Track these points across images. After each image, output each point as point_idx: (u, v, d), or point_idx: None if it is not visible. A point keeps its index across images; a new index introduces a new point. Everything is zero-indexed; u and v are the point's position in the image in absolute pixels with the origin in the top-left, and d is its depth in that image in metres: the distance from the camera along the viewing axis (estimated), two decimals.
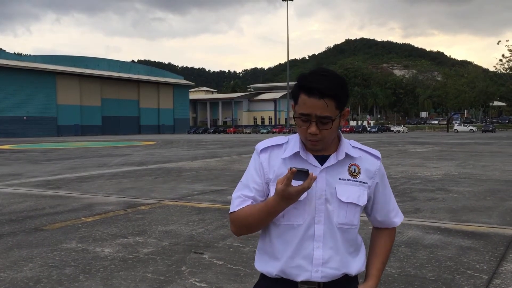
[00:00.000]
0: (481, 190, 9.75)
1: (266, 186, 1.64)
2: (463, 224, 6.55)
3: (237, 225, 1.64)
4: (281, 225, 1.62)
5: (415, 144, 31.42)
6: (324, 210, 1.60)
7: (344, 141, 1.67)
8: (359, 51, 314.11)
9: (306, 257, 1.60)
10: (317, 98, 1.52)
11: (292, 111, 1.66)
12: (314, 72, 1.58)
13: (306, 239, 1.60)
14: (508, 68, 55.40)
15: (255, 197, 1.63)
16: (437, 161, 17.05)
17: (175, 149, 28.29)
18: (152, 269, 4.62)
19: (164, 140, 48.16)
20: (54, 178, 12.76)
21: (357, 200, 1.63)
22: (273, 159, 1.65)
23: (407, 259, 4.90)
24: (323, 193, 1.60)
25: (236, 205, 1.64)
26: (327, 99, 1.53)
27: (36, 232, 6.26)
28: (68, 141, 46.13)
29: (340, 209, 1.61)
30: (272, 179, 1.62)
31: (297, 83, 1.59)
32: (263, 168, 1.64)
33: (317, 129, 1.55)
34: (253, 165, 1.69)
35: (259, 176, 1.65)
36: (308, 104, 1.54)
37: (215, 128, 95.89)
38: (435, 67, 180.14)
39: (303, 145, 1.63)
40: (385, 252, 1.78)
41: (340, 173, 1.63)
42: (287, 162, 1.62)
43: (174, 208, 7.98)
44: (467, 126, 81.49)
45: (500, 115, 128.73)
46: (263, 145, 1.69)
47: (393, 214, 1.78)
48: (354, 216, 1.64)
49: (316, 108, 1.53)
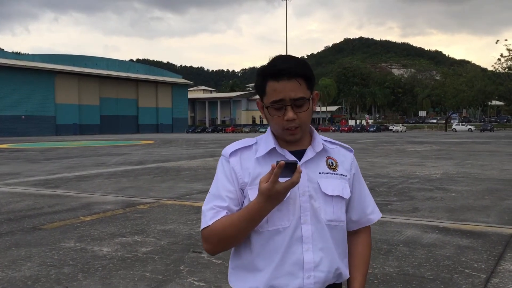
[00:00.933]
0: (479, 189, 9.76)
1: (240, 193, 1.50)
2: (462, 223, 6.56)
3: (213, 241, 1.46)
4: (265, 232, 1.47)
5: (413, 143, 31.45)
6: (309, 208, 1.48)
7: (317, 134, 1.59)
8: (358, 50, 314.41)
9: (296, 262, 1.46)
10: (287, 80, 1.43)
11: (260, 111, 1.56)
12: (275, 58, 1.49)
13: (294, 243, 1.46)
14: (507, 67, 55.33)
15: (229, 207, 1.47)
16: (436, 160, 17.07)
17: (174, 148, 28.27)
18: (151, 268, 4.62)
19: (162, 139, 48.13)
20: (53, 177, 12.75)
21: (342, 193, 1.53)
22: (245, 161, 1.51)
23: (406, 258, 4.90)
24: (306, 190, 1.49)
25: (209, 218, 1.46)
26: (298, 79, 1.44)
27: (35, 231, 6.26)
28: (66, 140, 46.07)
29: (327, 205, 1.51)
30: (249, 183, 1.48)
31: (260, 73, 1.48)
32: (236, 172, 1.50)
33: (294, 113, 1.44)
34: (222, 172, 1.53)
35: (231, 183, 1.49)
36: (279, 89, 1.43)
37: (213, 127, 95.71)
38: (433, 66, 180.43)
39: (277, 141, 1.52)
40: (365, 262, 1.65)
41: (319, 167, 1.53)
42: (262, 161, 1.50)
43: (173, 207, 7.98)
44: (465, 125, 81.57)
45: (499, 115, 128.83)
46: (231, 148, 1.55)
47: (370, 210, 1.66)
48: (341, 211, 1.54)
49: (288, 91, 1.43)
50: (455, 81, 75.15)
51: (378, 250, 5.20)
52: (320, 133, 1.61)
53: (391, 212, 7.38)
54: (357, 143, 33.82)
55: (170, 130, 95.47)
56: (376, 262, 4.77)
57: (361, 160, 17.69)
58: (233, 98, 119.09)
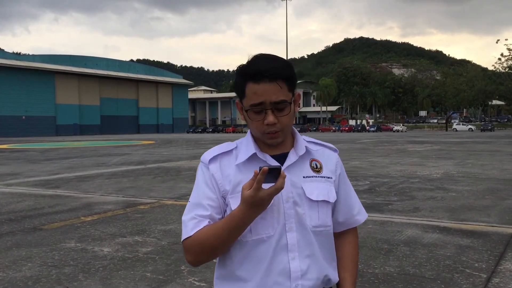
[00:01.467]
0: (480, 189, 9.76)
1: (222, 201, 1.43)
2: (462, 223, 6.55)
3: (195, 251, 1.39)
4: (249, 242, 1.41)
5: (414, 143, 31.44)
6: (294, 214, 1.42)
7: (299, 136, 1.52)
8: (358, 50, 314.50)
9: (282, 272, 1.39)
10: (267, 82, 1.35)
11: (239, 113, 1.48)
12: (256, 57, 1.41)
13: (279, 251, 1.40)
14: (507, 67, 55.34)
15: (211, 216, 1.40)
16: (436, 160, 17.06)
17: (174, 149, 28.27)
18: (151, 268, 4.62)
19: (163, 139, 48.13)
20: (53, 178, 12.75)
21: (327, 197, 1.47)
22: (225, 167, 1.44)
23: (406, 258, 4.90)
24: (290, 195, 1.42)
25: (190, 228, 1.39)
26: (279, 81, 1.36)
27: (35, 232, 6.26)
28: (67, 141, 46.07)
29: (312, 210, 1.45)
30: (230, 191, 1.42)
31: (239, 73, 1.41)
32: (216, 180, 1.43)
33: (275, 117, 1.37)
34: (202, 179, 1.45)
35: (212, 190, 1.42)
36: (259, 91, 1.36)
37: (214, 128, 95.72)
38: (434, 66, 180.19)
39: (257, 145, 1.46)
40: (354, 263, 1.60)
41: (302, 171, 1.46)
42: (243, 168, 1.43)
43: (173, 208, 7.98)
44: (466, 125, 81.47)
45: (499, 114, 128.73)
46: (210, 154, 1.47)
47: (356, 211, 1.61)
48: (326, 216, 1.49)
49: (269, 94, 1.36)
50: (455, 81, 75.17)
51: (378, 250, 5.20)
52: (321, 133, 1.59)
53: (391, 212, 7.38)
54: (358, 143, 33.81)
55: (170, 130, 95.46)
56: (377, 262, 4.77)
57: (362, 160, 17.69)
58: (233, 98, 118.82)
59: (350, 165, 15.39)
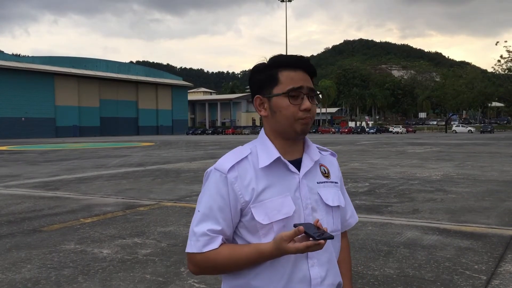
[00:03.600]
0: (479, 190, 9.76)
1: (235, 213, 1.38)
2: (462, 224, 6.55)
3: (204, 267, 1.37)
4: None
5: (413, 145, 31.44)
6: (312, 221, 1.40)
7: (309, 140, 1.52)
8: (358, 52, 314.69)
9: (303, 279, 1.38)
10: (303, 71, 1.41)
11: (257, 109, 1.45)
12: (286, 54, 1.45)
13: (300, 259, 1.38)
14: (507, 68, 55.43)
15: (223, 231, 1.37)
16: (436, 162, 17.06)
17: (174, 150, 28.27)
18: (151, 270, 4.62)
19: (162, 141, 48.13)
20: (53, 179, 12.75)
21: (340, 202, 1.49)
22: (244, 176, 1.38)
23: (406, 259, 4.90)
24: (308, 202, 1.42)
25: (202, 244, 1.35)
26: (310, 74, 1.43)
27: (35, 233, 6.25)
28: (66, 142, 46.06)
29: (328, 216, 1.45)
30: (252, 200, 1.37)
31: (272, 64, 1.42)
32: (235, 191, 1.36)
33: (310, 103, 1.40)
34: (216, 190, 1.38)
35: (226, 202, 1.37)
36: (297, 77, 1.39)
37: (213, 129, 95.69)
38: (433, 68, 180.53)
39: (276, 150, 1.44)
40: (349, 267, 1.62)
41: (316, 176, 1.46)
42: (265, 173, 1.39)
43: (173, 209, 7.98)
44: (465, 127, 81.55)
45: (499, 116, 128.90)
46: (228, 162, 1.40)
47: (349, 215, 1.62)
48: (338, 221, 1.50)
49: (306, 81, 1.40)
50: (455, 83, 75.17)
51: (378, 251, 5.20)
52: (320, 135, 1.58)
53: (391, 213, 7.37)
54: (357, 144, 33.82)
55: (170, 132, 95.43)
56: (377, 263, 4.76)
57: (362, 161, 17.69)
58: (233, 100, 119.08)
59: (350, 167, 15.40)
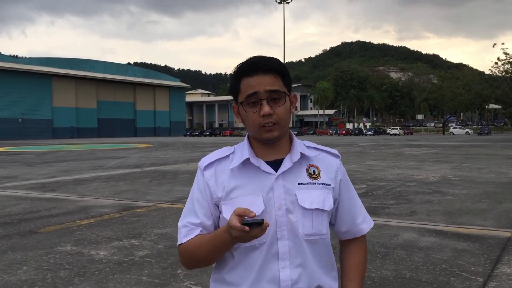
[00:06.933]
0: (476, 192, 9.77)
1: (213, 208, 1.43)
2: (459, 226, 6.56)
3: (186, 258, 1.44)
4: (241, 248, 1.40)
5: (411, 147, 31.49)
6: (286, 222, 1.39)
7: (297, 141, 1.48)
8: (355, 54, 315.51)
9: (272, 280, 1.38)
10: (262, 73, 1.37)
11: (236, 117, 1.49)
12: (252, 57, 1.42)
13: (270, 259, 1.38)
14: (504, 71, 55.61)
15: (203, 223, 1.42)
16: (433, 164, 17.08)
17: (171, 152, 28.24)
18: (147, 272, 4.61)
19: (160, 142, 48.09)
20: (50, 181, 12.72)
21: (322, 205, 1.42)
22: (220, 174, 1.44)
23: (403, 261, 4.89)
24: (283, 203, 1.39)
25: (183, 235, 1.43)
26: (274, 73, 1.38)
27: (31, 235, 6.23)
28: (63, 144, 45.97)
29: (305, 218, 1.40)
30: (223, 197, 1.41)
31: (234, 72, 1.43)
32: (210, 187, 1.43)
33: (270, 108, 1.36)
34: (197, 185, 1.47)
35: (204, 198, 1.44)
36: (254, 83, 1.37)
37: (211, 131, 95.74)
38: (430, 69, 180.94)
39: (252, 151, 1.44)
40: (360, 273, 1.53)
41: (298, 177, 1.43)
42: (237, 173, 1.42)
43: (170, 211, 7.96)
44: (463, 128, 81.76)
45: (496, 118, 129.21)
46: (207, 160, 1.47)
47: (360, 220, 1.55)
48: (321, 225, 1.43)
49: (263, 84, 1.36)
50: (452, 85, 75.37)
51: (375, 253, 5.19)
52: (318, 136, 1.56)
53: (388, 215, 7.38)
54: (355, 146, 33.86)
55: (167, 133, 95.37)
56: (373, 265, 4.76)
57: (359, 163, 17.70)
58: (230, 101, 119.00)
59: (347, 168, 15.41)
